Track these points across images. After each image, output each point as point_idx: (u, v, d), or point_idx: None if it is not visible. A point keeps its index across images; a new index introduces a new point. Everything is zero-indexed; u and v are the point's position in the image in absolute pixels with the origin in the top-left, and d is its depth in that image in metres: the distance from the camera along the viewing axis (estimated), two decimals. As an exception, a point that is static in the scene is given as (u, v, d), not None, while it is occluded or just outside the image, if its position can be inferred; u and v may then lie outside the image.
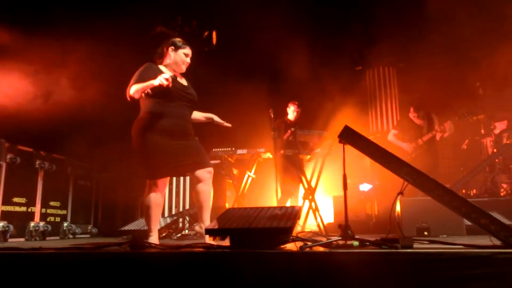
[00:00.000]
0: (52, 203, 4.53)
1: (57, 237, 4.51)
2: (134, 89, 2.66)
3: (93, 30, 4.59)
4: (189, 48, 2.93)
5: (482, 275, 1.57)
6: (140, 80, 2.69)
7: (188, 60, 2.91)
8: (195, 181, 2.84)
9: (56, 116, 4.24)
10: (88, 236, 4.96)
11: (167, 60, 2.88)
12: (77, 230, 4.71)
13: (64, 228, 4.58)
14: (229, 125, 3.14)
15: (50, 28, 4.36)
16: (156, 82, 2.57)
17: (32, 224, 4.13)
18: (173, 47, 2.87)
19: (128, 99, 2.72)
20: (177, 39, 2.94)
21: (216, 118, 3.12)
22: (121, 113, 3.48)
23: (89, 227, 5.05)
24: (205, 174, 2.80)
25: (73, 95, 4.41)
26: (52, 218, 4.50)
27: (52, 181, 4.50)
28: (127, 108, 2.98)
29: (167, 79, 2.55)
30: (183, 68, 2.92)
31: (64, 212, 4.69)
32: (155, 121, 2.70)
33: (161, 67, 2.87)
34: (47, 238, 4.27)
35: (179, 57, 2.87)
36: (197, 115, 3.06)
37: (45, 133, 4.43)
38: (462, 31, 5.30)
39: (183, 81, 2.93)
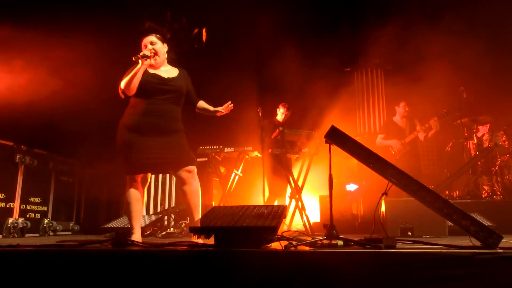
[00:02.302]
0: (32, 199, 4.42)
1: (37, 234, 4.41)
2: (124, 82, 2.68)
3: (79, 24, 4.50)
4: (148, 35, 2.83)
5: (462, 275, 1.59)
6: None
7: (146, 51, 2.74)
8: (179, 181, 2.83)
9: (38, 109, 4.15)
10: (70, 233, 4.87)
11: None
12: (58, 227, 4.62)
13: (45, 225, 4.48)
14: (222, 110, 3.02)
15: (33, 21, 4.25)
16: (140, 65, 2.64)
17: (10, 220, 4.03)
18: (141, 42, 2.84)
19: (122, 95, 2.75)
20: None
21: (219, 109, 3.03)
22: (106, 108, 3.43)
23: (71, 224, 4.95)
24: (185, 173, 2.78)
25: (57, 89, 4.31)
26: (32, 215, 4.40)
27: (32, 177, 4.40)
28: (112, 103, 2.94)
29: (144, 54, 2.64)
30: (156, 60, 2.78)
31: (44, 208, 4.59)
32: (132, 118, 2.72)
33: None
34: (26, 235, 4.16)
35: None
36: (201, 105, 3.01)
37: (26, 127, 4.32)
38: (448, 35, 5.39)
39: (166, 73, 2.85)
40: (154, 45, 2.80)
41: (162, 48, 2.84)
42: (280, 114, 5.05)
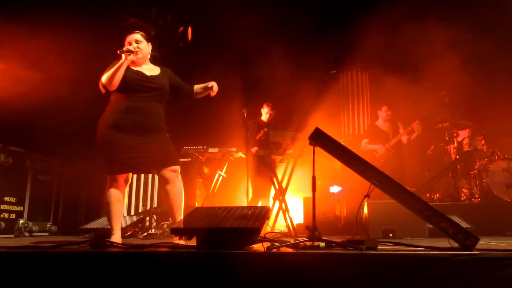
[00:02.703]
0: (7, 199, 4.26)
1: (12, 235, 4.26)
2: (105, 76, 2.62)
3: (59, 17, 4.37)
4: (133, 33, 2.79)
5: (441, 276, 1.62)
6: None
7: (131, 47, 2.70)
8: (162, 180, 2.78)
9: (15, 105, 4.01)
10: (47, 234, 4.73)
11: None
12: (34, 228, 4.48)
13: (20, 226, 4.34)
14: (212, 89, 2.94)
15: (7, 12, 4.11)
16: (123, 60, 2.60)
17: (-17, 220, 3.88)
18: (125, 38, 2.80)
19: (102, 90, 2.68)
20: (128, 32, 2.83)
21: (213, 85, 2.94)
22: (86, 104, 3.35)
23: (48, 225, 4.81)
24: (169, 173, 2.73)
25: (35, 83, 4.18)
26: (6, 215, 4.24)
27: (8, 175, 4.25)
28: (92, 99, 2.88)
29: (129, 49, 2.62)
30: (138, 56, 2.72)
31: (20, 208, 4.43)
32: (114, 116, 2.66)
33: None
34: (0, 236, 4.02)
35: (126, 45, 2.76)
36: (197, 89, 2.97)
37: (1, 123, 4.17)
38: (432, 40, 5.50)
39: (148, 71, 2.81)
40: (139, 44, 2.77)
41: (146, 47, 2.82)
42: (265, 113, 5.05)
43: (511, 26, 5.31)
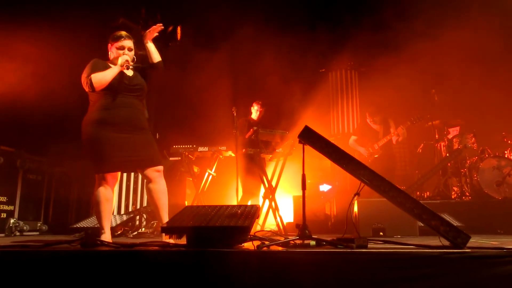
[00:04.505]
0: (-3, 198, 4.23)
1: (2, 234, 4.25)
2: (97, 77, 2.60)
3: (51, 18, 4.33)
4: (126, 39, 2.79)
5: (432, 274, 1.63)
6: (96, 70, 2.64)
7: (124, 52, 2.74)
8: (146, 180, 2.80)
9: (5, 104, 3.96)
10: (38, 233, 4.69)
11: (111, 56, 2.81)
12: (25, 227, 4.45)
13: (11, 225, 4.32)
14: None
15: (3, 15, 4.06)
16: (116, 68, 2.62)
17: (-27, 220, 3.83)
18: (112, 42, 2.80)
19: (88, 88, 2.65)
20: (117, 33, 2.82)
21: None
22: (77, 104, 3.31)
23: (39, 224, 4.77)
24: (153, 173, 2.75)
25: (25, 82, 4.13)
26: (-4, 214, 4.20)
27: (-2, 175, 4.21)
28: (83, 100, 2.86)
29: (127, 61, 2.65)
30: (130, 66, 2.77)
31: (11, 207, 4.40)
32: (101, 113, 2.66)
33: (109, 63, 2.79)
34: (-10, 235, 3.98)
35: (115, 52, 2.77)
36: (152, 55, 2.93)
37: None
38: (421, 39, 5.54)
39: (127, 72, 2.81)
40: (130, 52, 2.79)
41: (132, 55, 2.84)
42: (255, 111, 5.04)
43: (500, 25, 5.37)
